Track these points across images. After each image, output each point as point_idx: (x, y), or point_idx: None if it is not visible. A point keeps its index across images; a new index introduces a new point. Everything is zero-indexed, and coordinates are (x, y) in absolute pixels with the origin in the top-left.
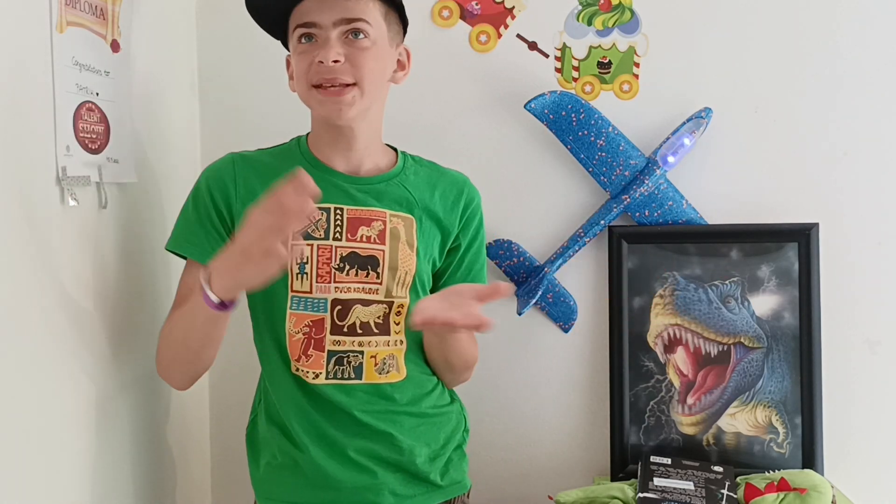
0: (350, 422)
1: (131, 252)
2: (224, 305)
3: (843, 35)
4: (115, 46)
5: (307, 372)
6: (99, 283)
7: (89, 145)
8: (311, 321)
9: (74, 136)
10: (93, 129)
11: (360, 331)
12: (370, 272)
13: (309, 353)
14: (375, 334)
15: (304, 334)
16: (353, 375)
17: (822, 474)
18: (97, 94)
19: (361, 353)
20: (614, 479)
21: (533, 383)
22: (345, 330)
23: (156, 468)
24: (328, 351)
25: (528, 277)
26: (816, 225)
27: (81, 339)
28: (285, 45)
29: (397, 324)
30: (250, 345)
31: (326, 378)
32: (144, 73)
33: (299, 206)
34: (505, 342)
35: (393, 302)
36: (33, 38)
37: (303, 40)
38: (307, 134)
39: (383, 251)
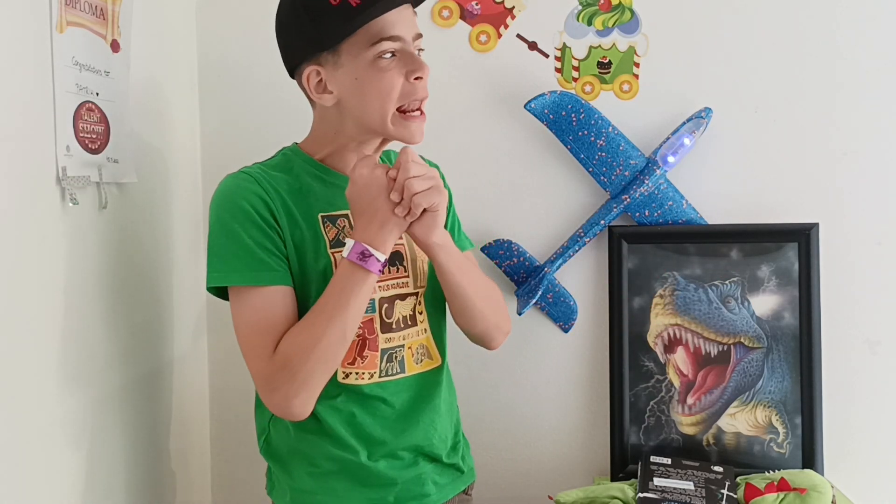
0: (397, 418)
1: (131, 252)
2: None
3: (843, 35)
4: (115, 46)
5: (361, 374)
6: (99, 284)
7: (89, 145)
8: (362, 322)
9: (74, 136)
10: (93, 129)
11: (402, 325)
12: (398, 267)
13: (364, 354)
14: (410, 326)
15: (357, 336)
16: (398, 370)
17: (822, 474)
18: (97, 94)
19: (403, 346)
20: (614, 479)
21: (533, 383)
22: (392, 326)
23: (156, 468)
24: (381, 350)
25: (528, 277)
26: (816, 225)
27: (81, 339)
28: (323, 48)
29: (420, 313)
30: None
31: (380, 377)
32: (144, 73)
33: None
34: (505, 342)
35: (418, 293)
36: (33, 38)
37: (385, 56)
38: (296, 145)
39: (403, 245)
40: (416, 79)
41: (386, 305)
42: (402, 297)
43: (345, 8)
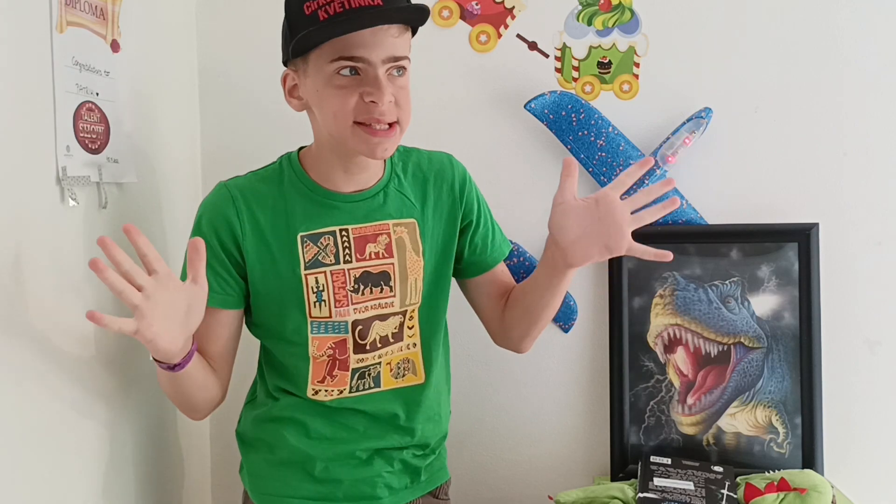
0: (365, 427)
1: (131, 252)
2: (173, 367)
3: (843, 35)
4: (115, 46)
5: (330, 391)
6: (99, 283)
7: (89, 145)
8: (334, 343)
9: (74, 136)
10: (93, 129)
11: (379, 345)
12: (383, 287)
13: (334, 373)
14: (391, 344)
15: (328, 356)
16: (371, 385)
17: (822, 474)
18: (97, 94)
19: (379, 363)
20: (614, 479)
21: (533, 383)
22: (367, 347)
23: (156, 468)
24: (352, 369)
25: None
26: (816, 225)
27: (81, 340)
28: (291, 55)
29: (410, 328)
30: (249, 346)
31: (349, 392)
32: (144, 73)
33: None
34: None
35: (406, 310)
36: (33, 38)
37: (343, 73)
38: (298, 151)
39: (393, 264)
40: (370, 101)
41: (360, 327)
42: (384, 317)
43: (313, 20)
